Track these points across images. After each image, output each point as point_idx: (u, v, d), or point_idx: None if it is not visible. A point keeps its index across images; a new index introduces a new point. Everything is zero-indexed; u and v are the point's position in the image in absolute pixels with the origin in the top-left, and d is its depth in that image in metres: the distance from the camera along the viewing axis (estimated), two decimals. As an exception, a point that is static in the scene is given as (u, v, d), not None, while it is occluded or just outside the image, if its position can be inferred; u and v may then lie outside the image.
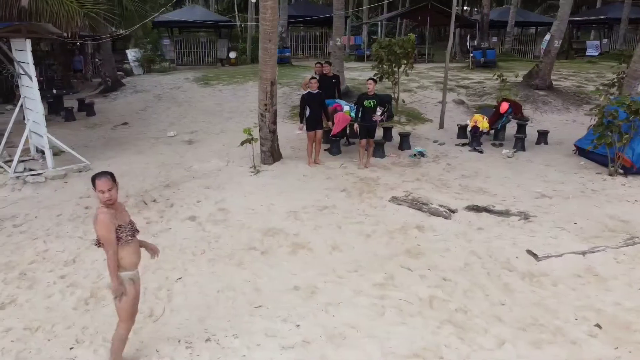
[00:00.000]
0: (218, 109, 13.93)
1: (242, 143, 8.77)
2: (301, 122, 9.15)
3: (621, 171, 8.53)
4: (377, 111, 8.76)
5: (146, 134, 11.84)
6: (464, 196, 7.58)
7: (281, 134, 9.62)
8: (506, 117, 10.91)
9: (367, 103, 8.72)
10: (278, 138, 9.41)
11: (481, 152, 10.19)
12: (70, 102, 14.47)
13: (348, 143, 10.51)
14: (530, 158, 9.76)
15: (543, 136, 10.91)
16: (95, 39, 15.30)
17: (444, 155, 10.04)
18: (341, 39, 13.66)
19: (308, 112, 8.92)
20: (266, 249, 5.90)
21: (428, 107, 13.54)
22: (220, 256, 5.72)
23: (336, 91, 10.53)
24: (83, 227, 6.53)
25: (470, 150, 10.34)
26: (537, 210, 7.01)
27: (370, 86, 8.81)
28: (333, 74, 10.78)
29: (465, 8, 37.14)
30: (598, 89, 11.76)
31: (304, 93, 9.22)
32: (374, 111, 8.74)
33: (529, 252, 5.72)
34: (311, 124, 8.98)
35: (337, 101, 10.18)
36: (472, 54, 20.18)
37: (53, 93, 14.42)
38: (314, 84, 8.94)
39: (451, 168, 9.15)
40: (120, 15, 13.07)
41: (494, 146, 10.66)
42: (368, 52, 24.43)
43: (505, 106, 10.80)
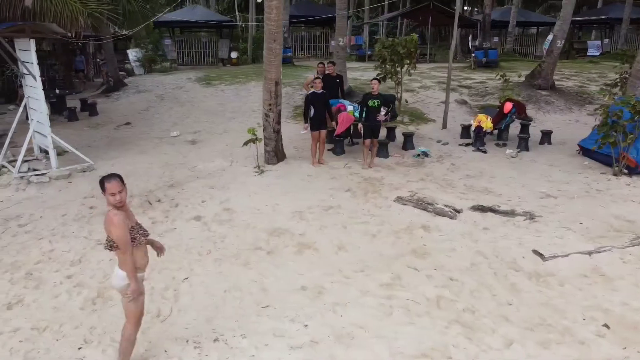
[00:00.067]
0: (220, 109, 13.92)
1: (246, 143, 8.77)
2: (306, 122, 9.15)
3: (625, 171, 8.52)
4: (381, 111, 8.77)
5: (149, 134, 11.83)
6: (469, 196, 7.58)
7: (284, 134, 9.60)
8: (510, 117, 10.90)
9: (372, 103, 8.73)
10: (282, 138, 9.40)
11: (485, 152, 10.19)
12: (72, 102, 14.48)
13: (352, 143, 10.50)
14: (534, 158, 9.75)
15: (547, 136, 10.90)
16: (97, 39, 15.31)
17: (448, 155, 10.03)
18: (344, 39, 13.62)
19: (312, 112, 8.92)
20: (272, 249, 5.90)
21: (430, 107, 13.54)
22: (226, 256, 5.72)
23: (340, 91, 10.52)
24: (88, 227, 6.54)
25: (474, 150, 10.34)
26: (543, 210, 7.00)
27: (374, 86, 8.81)
28: (337, 74, 10.76)
29: (465, 8, 37.09)
30: (602, 89, 11.75)
31: (309, 93, 9.22)
32: (378, 111, 8.75)
33: (535, 252, 5.72)
34: (315, 124, 8.97)
35: (341, 101, 10.15)
36: (474, 54, 20.14)
37: (56, 93, 14.41)
38: (319, 84, 8.93)
39: (455, 168, 9.15)
40: (123, 15, 13.04)
41: (498, 146, 10.66)
42: (369, 52, 24.45)
43: (509, 106, 10.80)
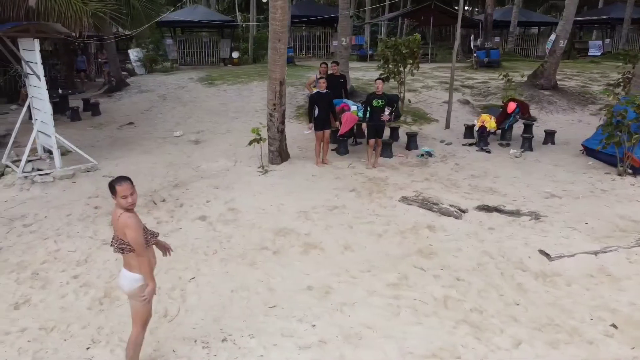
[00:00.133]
0: (223, 109, 13.91)
1: (250, 143, 8.76)
2: (310, 122, 9.15)
3: (630, 171, 8.52)
4: (385, 111, 8.77)
5: (152, 134, 11.82)
6: (474, 196, 7.58)
7: (287, 134, 9.60)
8: (513, 117, 10.90)
9: (376, 103, 8.72)
10: (286, 138, 9.40)
11: (489, 152, 10.18)
12: (75, 102, 14.47)
13: (355, 143, 10.50)
14: (538, 158, 9.75)
15: (550, 136, 10.89)
16: (100, 39, 15.29)
17: (452, 155, 10.03)
18: (347, 39, 13.61)
19: (316, 112, 8.91)
20: (278, 249, 5.89)
21: (433, 107, 13.53)
22: (232, 256, 5.71)
23: (343, 91, 10.51)
24: (93, 227, 6.53)
25: (477, 150, 10.33)
26: (548, 210, 7.00)
27: (379, 86, 8.80)
28: (340, 74, 10.75)
29: (466, 8, 37.09)
30: (605, 89, 11.75)
31: (313, 93, 9.22)
32: (382, 111, 8.74)
33: (542, 252, 5.72)
34: (319, 124, 8.96)
35: (345, 101, 10.16)
36: (476, 54, 20.13)
37: (59, 93, 14.39)
38: (323, 84, 8.92)
39: (459, 168, 9.14)
40: (127, 15, 13.03)
41: (501, 146, 10.65)
42: (371, 52, 24.44)
43: (512, 106, 10.79)
